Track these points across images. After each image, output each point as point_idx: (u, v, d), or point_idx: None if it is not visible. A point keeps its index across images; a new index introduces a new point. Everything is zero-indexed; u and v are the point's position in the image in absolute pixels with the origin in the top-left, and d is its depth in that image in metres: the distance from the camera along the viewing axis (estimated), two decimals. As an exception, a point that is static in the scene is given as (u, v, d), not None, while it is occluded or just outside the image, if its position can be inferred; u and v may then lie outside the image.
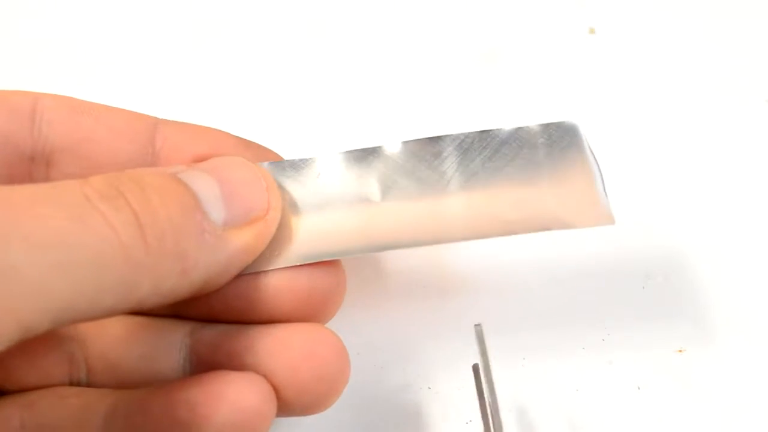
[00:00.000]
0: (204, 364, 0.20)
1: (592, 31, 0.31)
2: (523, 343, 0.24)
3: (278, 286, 0.19)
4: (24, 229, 0.14)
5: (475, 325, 0.21)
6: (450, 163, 0.21)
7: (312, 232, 0.20)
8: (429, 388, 0.24)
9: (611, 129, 0.29)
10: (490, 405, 0.20)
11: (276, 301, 0.19)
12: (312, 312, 0.20)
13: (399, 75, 0.31)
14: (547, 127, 0.21)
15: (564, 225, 0.20)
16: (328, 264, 0.20)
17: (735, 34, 0.31)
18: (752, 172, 0.28)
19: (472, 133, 0.21)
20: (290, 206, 0.20)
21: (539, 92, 0.30)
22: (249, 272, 0.19)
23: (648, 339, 0.24)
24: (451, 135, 0.21)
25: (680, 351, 0.24)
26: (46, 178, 0.19)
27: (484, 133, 0.21)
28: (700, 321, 0.24)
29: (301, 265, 0.20)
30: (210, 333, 0.20)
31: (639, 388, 0.23)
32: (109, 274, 0.15)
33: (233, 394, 0.17)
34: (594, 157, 0.21)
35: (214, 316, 0.20)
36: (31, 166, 0.19)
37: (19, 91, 0.20)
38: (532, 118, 0.29)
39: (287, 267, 0.20)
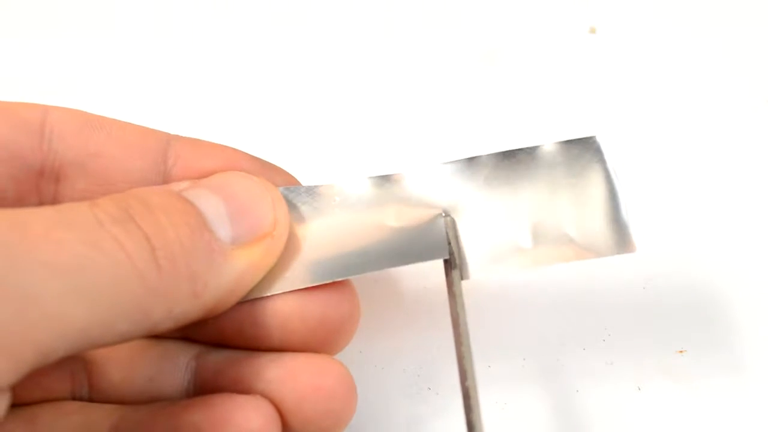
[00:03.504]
0: (208, 388, 0.19)
1: (592, 30, 0.31)
2: (524, 343, 0.24)
3: (290, 313, 0.19)
4: (42, 256, 0.14)
5: (444, 217, 0.20)
6: (467, 187, 0.20)
7: (325, 257, 0.19)
8: (429, 388, 0.24)
9: (611, 129, 0.29)
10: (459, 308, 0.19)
11: (287, 329, 0.19)
12: (323, 341, 0.19)
13: (399, 75, 0.31)
14: (566, 145, 0.20)
15: (583, 255, 0.19)
16: (341, 292, 0.19)
17: (736, 33, 0.31)
18: (752, 173, 0.28)
19: (488, 155, 0.20)
20: (303, 231, 0.20)
21: (540, 92, 0.30)
22: (260, 296, 0.19)
23: (648, 340, 0.24)
24: (468, 158, 0.20)
25: (681, 352, 0.24)
26: (55, 194, 0.19)
27: (500, 155, 0.20)
28: (701, 322, 0.24)
29: (314, 294, 0.19)
30: (216, 358, 0.20)
31: (639, 389, 0.23)
32: (124, 299, 0.15)
33: (239, 418, 0.17)
34: (616, 177, 0.20)
35: (224, 340, 0.20)
36: (40, 180, 0.19)
37: (29, 104, 0.19)
38: (532, 119, 0.29)
39: (299, 293, 0.19)
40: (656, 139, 0.28)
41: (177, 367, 0.20)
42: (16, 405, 0.19)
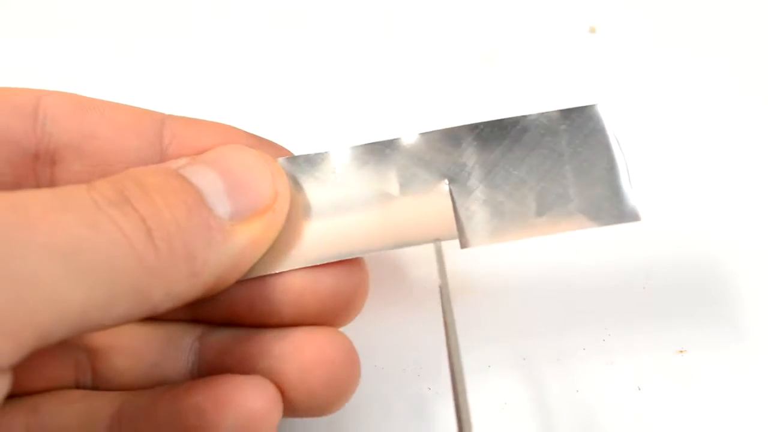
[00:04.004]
0: (213, 368, 0.19)
1: (592, 30, 0.31)
2: (524, 343, 0.24)
3: (302, 287, 0.19)
4: (41, 238, 0.14)
5: (434, 241, 0.20)
6: (470, 154, 0.20)
7: (329, 230, 0.19)
8: (429, 388, 0.24)
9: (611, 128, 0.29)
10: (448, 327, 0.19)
11: (299, 303, 0.19)
12: (335, 313, 0.19)
13: (399, 75, 0.30)
14: (568, 113, 0.20)
15: (587, 224, 0.19)
16: (351, 264, 0.19)
17: (736, 33, 0.31)
18: (752, 172, 0.28)
19: (492, 121, 0.20)
20: (306, 203, 0.20)
21: (540, 92, 0.30)
22: (268, 274, 0.19)
23: (648, 340, 0.24)
24: (470, 124, 0.20)
25: (681, 352, 0.24)
26: (51, 177, 0.19)
27: (504, 121, 0.20)
28: (701, 322, 0.24)
29: (323, 266, 0.19)
30: (219, 337, 0.20)
31: (639, 389, 0.23)
32: (122, 280, 0.15)
33: (240, 399, 0.17)
34: (618, 145, 0.20)
35: (236, 319, 0.20)
36: (36, 164, 0.19)
37: (22, 89, 0.19)
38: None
39: (308, 268, 0.19)
40: (657, 138, 0.28)
41: (181, 350, 0.20)
42: (19, 394, 0.19)
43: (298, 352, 0.18)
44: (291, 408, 0.18)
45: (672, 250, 0.26)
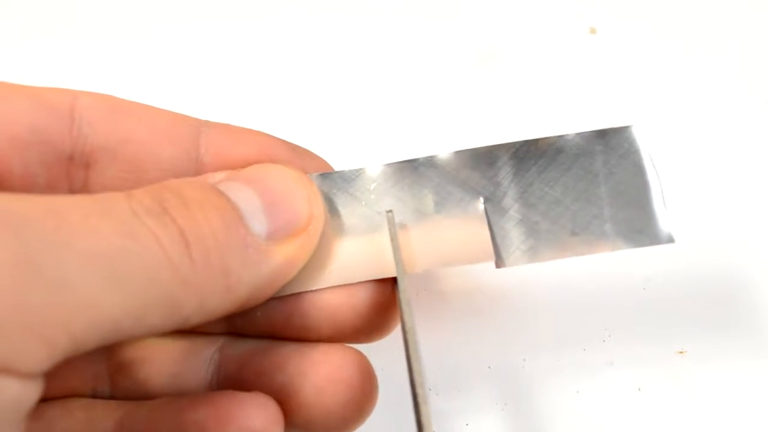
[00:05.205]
0: (231, 380, 0.19)
1: (593, 31, 0.31)
2: (524, 344, 0.24)
3: (338, 303, 0.19)
4: (78, 244, 0.14)
5: (387, 212, 0.20)
6: (505, 173, 0.20)
7: (363, 249, 0.19)
8: (429, 389, 0.24)
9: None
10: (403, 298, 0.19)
11: (336, 318, 0.19)
12: (371, 329, 0.19)
13: (399, 75, 0.30)
14: (604, 133, 0.20)
15: (620, 246, 0.19)
16: (386, 278, 0.19)
17: (736, 33, 0.31)
18: (752, 173, 0.28)
19: (528, 140, 0.20)
20: (340, 221, 0.20)
21: (540, 93, 0.30)
22: (297, 292, 0.19)
23: (649, 340, 0.24)
24: (506, 143, 0.20)
25: (681, 352, 0.24)
26: (86, 180, 0.19)
27: (539, 141, 0.20)
28: (701, 322, 0.24)
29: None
30: (239, 350, 0.20)
31: (640, 389, 0.23)
32: (156, 291, 0.15)
33: (242, 417, 0.17)
34: (654, 167, 0.20)
35: (272, 333, 0.20)
36: (70, 166, 0.19)
37: (58, 89, 0.19)
38: (533, 119, 0.29)
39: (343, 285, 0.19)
40: (657, 139, 0.28)
41: (201, 361, 0.20)
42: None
43: (313, 370, 0.18)
44: (308, 426, 0.18)
45: (672, 252, 0.26)
